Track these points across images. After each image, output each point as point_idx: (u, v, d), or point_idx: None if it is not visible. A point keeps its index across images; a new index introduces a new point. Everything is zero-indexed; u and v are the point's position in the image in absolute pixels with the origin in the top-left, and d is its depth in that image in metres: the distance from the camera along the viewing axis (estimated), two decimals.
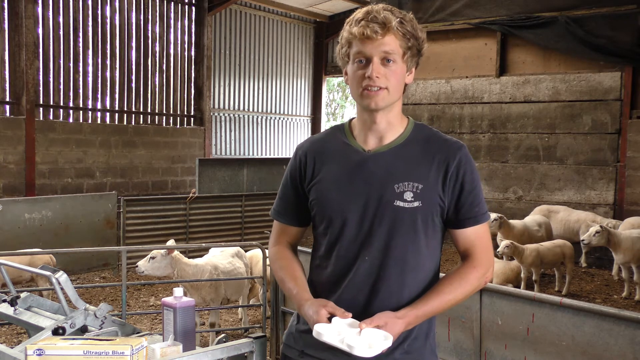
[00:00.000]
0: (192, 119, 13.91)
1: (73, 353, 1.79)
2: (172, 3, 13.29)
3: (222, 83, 14.73)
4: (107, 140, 12.06)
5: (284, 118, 16.54)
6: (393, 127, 2.01)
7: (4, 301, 2.55)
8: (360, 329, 1.78)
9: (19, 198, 9.39)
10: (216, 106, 14.58)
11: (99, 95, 12.16)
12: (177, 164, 13.24)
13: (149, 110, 13.05)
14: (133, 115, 12.78)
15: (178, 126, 13.59)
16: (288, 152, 16.15)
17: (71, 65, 11.68)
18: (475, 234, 1.98)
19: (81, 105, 11.89)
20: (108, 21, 12.19)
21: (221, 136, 14.77)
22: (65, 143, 11.41)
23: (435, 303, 1.91)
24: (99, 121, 12.20)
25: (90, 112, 12.02)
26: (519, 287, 7.22)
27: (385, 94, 1.92)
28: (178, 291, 2.13)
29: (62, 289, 2.25)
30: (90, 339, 1.93)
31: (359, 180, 1.96)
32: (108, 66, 12.27)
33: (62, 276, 2.26)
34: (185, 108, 13.78)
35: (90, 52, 11.94)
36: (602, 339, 3.07)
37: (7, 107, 10.94)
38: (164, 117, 13.39)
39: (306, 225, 2.16)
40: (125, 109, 12.63)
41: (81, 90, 11.89)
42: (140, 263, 5.46)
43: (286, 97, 16.53)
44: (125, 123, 12.60)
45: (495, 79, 11.14)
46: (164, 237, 7.94)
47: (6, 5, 10.75)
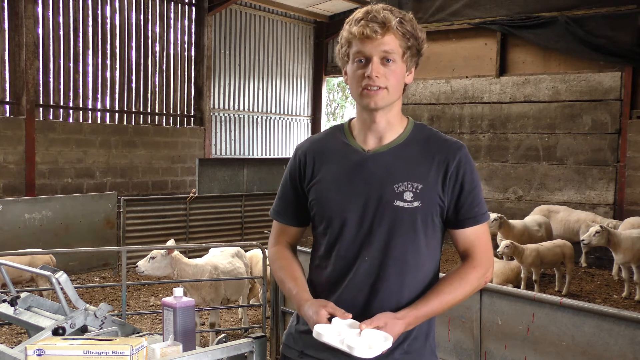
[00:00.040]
0: (192, 119, 13.91)
1: (73, 353, 1.79)
2: (172, 3, 13.29)
3: (222, 83, 14.73)
4: (107, 140, 12.06)
5: (284, 118, 16.53)
6: (393, 127, 2.01)
7: (4, 301, 2.55)
8: (360, 330, 1.78)
9: (19, 198, 9.39)
10: (216, 106, 14.58)
11: (99, 95, 12.16)
12: (177, 164, 13.24)
13: (149, 110, 13.05)
14: (133, 115, 12.78)
15: (178, 126, 13.59)
16: (288, 152, 16.13)
17: (71, 65, 11.68)
18: (475, 234, 1.98)
19: (81, 105, 11.89)
20: (108, 21, 12.18)
21: (221, 136, 14.77)
22: (65, 143, 11.41)
23: (435, 303, 1.90)
24: (99, 121, 12.20)
25: (90, 112, 12.02)
26: (519, 287, 7.22)
27: (384, 94, 1.92)
28: (178, 291, 2.13)
29: (62, 289, 2.25)
30: (90, 339, 1.93)
31: (359, 180, 1.96)
32: (108, 66, 12.27)
33: (62, 276, 2.26)
34: (185, 108, 13.78)
35: (90, 52, 11.94)
36: (602, 339, 3.07)
37: (7, 107, 10.94)
38: (164, 117, 13.39)
39: (306, 225, 2.16)
40: (125, 109, 12.63)
41: (81, 90, 11.88)
42: (140, 263, 5.46)
43: (286, 97, 16.53)
44: (125, 123, 12.60)
45: (495, 79, 11.13)
46: (164, 237, 7.95)
47: (6, 5, 10.75)
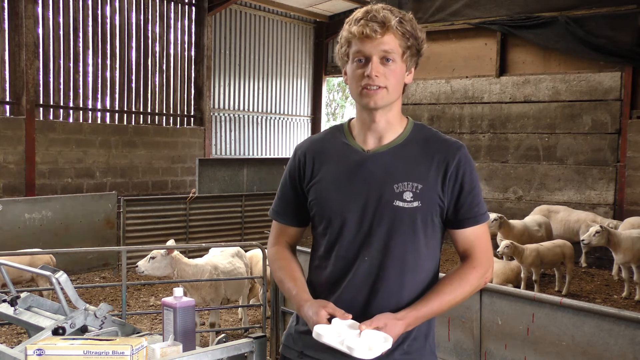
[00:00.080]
0: (192, 119, 13.90)
1: (73, 353, 1.79)
2: (172, 3, 13.29)
3: (222, 83, 14.73)
4: (107, 140, 12.06)
5: (284, 118, 16.53)
6: (392, 127, 2.00)
7: (4, 301, 2.55)
8: (360, 331, 1.78)
9: (19, 198, 9.39)
10: (216, 106, 14.58)
11: (99, 95, 12.16)
12: (177, 164, 13.24)
13: (149, 110, 13.05)
14: (133, 115, 12.78)
15: (178, 126, 13.59)
16: (288, 152, 16.13)
17: (71, 65, 11.68)
18: (474, 234, 1.98)
19: (81, 105, 11.89)
20: (108, 21, 12.18)
21: (221, 136, 14.77)
22: (65, 143, 11.41)
23: (435, 304, 1.90)
24: (99, 121, 12.20)
25: (90, 112, 12.02)
26: (519, 287, 7.22)
27: (384, 93, 1.92)
28: (178, 291, 2.13)
29: (62, 289, 2.25)
30: (90, 339, 1.93)
31: (359, 180, 1.96)
32: (108, 66, 12.27)
33: (62, 276, 2.26)
34: (185, 108, 13.78)
35: (90, 52, 11.94)
36: (602, 339, 3.07)
37: (7, 107, 10.94)
38: (164, 117, 13.39)
39: (305, 225, 2.16)
40: (125, 109, 12.63)
41: (81, 90, 11.88)
42: (140, 263, 5.46)
43: (286, 97, 16.52)
44: (125, 123, 12.60)
45: (495, 79, 11.13)
46: (164, 237, 7.95)
47: (6, 5, 10.75)
